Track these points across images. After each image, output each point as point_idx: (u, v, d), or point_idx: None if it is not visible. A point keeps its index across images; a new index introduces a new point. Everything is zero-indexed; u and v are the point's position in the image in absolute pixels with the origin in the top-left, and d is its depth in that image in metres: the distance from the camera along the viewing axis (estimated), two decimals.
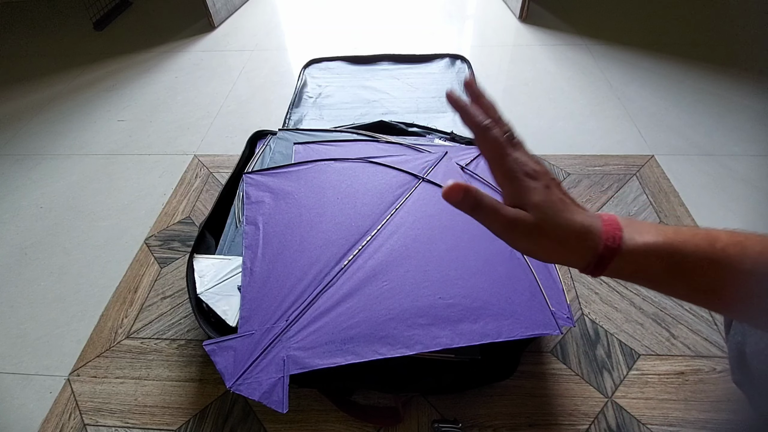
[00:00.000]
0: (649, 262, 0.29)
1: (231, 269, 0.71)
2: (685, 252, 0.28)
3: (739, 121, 1.10)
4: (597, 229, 0.29)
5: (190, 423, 0.64)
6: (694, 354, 0.68)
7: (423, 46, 1.47)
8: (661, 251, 0.29)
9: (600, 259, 0.29)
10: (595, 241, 0.29)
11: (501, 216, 0.30)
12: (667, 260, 0.29)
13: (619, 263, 0.29)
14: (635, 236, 0.29)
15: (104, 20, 1.71)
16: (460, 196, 0.30)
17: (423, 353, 0.58)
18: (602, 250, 0.29)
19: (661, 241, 0.29)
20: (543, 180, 0.30)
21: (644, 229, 0.30)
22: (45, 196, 1.02)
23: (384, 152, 0.87)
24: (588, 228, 0.29)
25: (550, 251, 0.30)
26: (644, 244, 0.29)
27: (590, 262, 0.29)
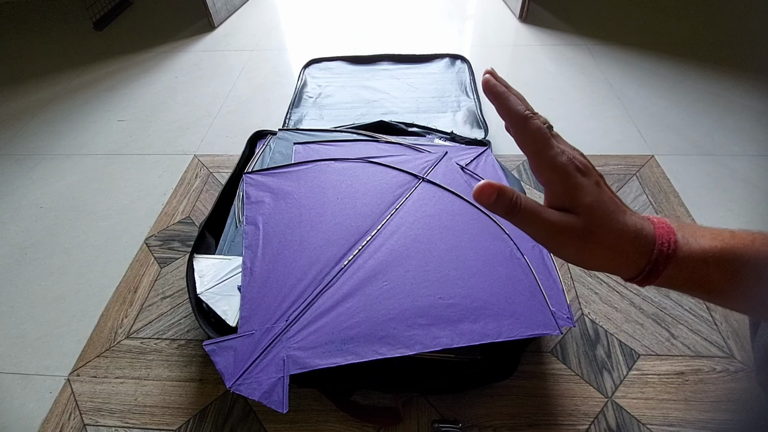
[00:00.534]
0: (707, 270, 0.26)
1: (231, 269, 0.71)
2: (746, 258, 0.26)
3: (739, 121, 1.10)
4: (650, 233, 0.27)
5: (190, 423, 0.64)
6: (694, 354, 0.68)
7: (423, 46, 1.47)
8: (720, 257, 0.26)
9: (654, 266, 0.26)
10: (648, 246, 0.26)
11: (545, 221, 0.26)
12: (727, 268, 0.26)
13: (673, 271, 0.26)
14: (690, 241, 0.26)
15: (104, 20, 1.71)
16: (492, 198, 0.25)
17: (423, 353, 0.58)
18: (656, 256, 0.26)
19: (719, 247, 0.26)
20: (593, 176, 0.27)
21: (699, 233, 0.27)
22: (45, 196, 1.02)
23: (384, 152, 0.87)
24: (640, 231, 0.26)
25: (601, 258, 0.27)
26: (701, 249, 0.26)
27: (642, 269, 0.26)
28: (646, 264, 0.26)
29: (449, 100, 1.20)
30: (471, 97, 1.20)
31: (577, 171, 0.26)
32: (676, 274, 0.26)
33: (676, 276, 0.26)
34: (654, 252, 0.26)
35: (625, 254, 0.26)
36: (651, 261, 0.26)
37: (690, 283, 0.27)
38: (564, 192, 0.27)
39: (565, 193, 0.26)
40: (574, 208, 0.26)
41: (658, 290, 0.76)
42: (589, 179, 0.27)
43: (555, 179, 0.27)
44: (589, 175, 0.27)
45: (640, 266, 0.26)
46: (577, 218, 0.26)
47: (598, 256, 0.27)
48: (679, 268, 0.26)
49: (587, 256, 0.27)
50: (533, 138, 0.27)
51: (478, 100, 1.17)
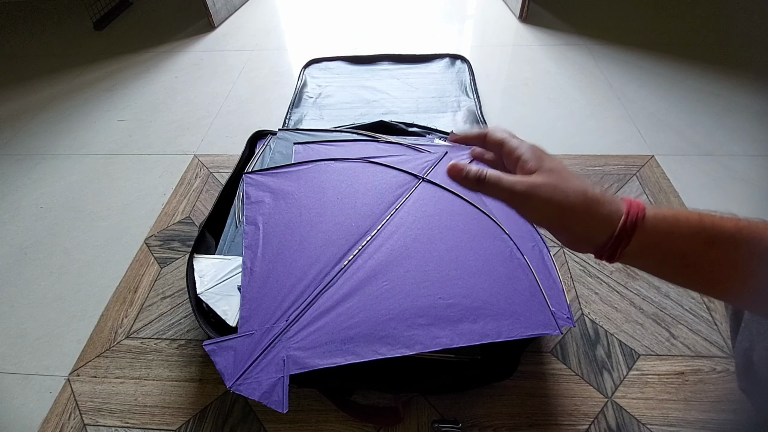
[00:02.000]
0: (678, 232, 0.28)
1: (231, 269, 0.71)
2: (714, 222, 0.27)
3: (739, 121, 1.10)
4: (617, 203, 0.28)
5: (190, 423, 0.64)
6: (694, 354, 0.68)
7: (423, 46, 1.47)
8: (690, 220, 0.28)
9: (621, 232, 0.27)
10: (615, 212, 0.28)
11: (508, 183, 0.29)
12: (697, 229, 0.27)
13: (643, 235, 0.27)
14: (662, 209, 0.28)
15: (104, 20, 1.71)
16: (462, 174, 0.30)
17: (423, 353, 0.58)
18: (624, 223, 0.27)
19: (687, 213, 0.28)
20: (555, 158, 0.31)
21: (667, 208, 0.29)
22: (45, 196, 1.02)
23: (384, 152, 0.87)
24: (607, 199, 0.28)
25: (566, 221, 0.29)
26: (673, 214, 0.28)
27: (610, 236, 0.28)
28: (612, 231, 0.28)
29: (449, 100, 1.20)
30: (471, 97, 1.20)
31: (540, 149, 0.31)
32: (647, 238, 0.28)
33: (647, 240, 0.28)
34: (621, 218, 0.27)
35: (590, 217, 0.28)
36: (619, 228, 0.27)
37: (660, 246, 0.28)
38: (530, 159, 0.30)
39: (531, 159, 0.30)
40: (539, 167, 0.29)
41: (658, 290, 0.76)
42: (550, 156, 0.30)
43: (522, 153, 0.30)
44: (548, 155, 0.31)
45: (606, 233, 0.28)
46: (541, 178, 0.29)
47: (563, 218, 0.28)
48: (649, 232, 0.27)
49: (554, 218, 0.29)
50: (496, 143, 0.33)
51: (477, 100, 1.17)
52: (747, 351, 0.46)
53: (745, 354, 0.46)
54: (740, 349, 0.47)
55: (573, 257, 0.82)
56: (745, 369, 0.47)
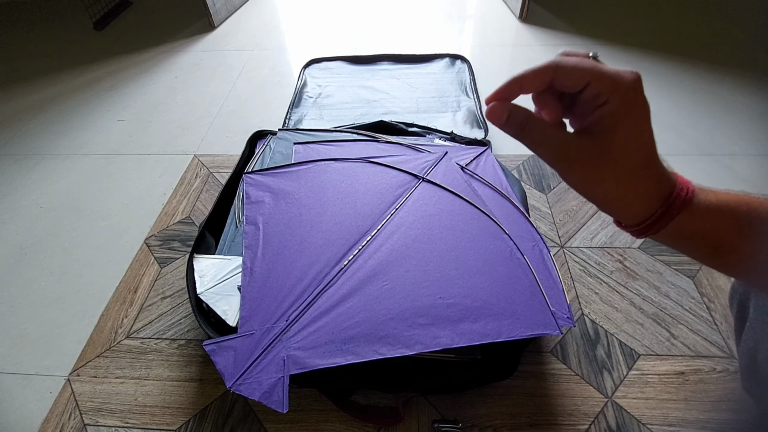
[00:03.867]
0: (721, 220, 0.26)
1: (231, 269, 0.71)
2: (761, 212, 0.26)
3: (739, 121, 1.10)
4: (672, 178, 0.26)
5: (190, 423, 0.64)
6: (694, 354, 0.68)
7: (423, 46, 1.47)
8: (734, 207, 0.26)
9: (668, 208, 0.25)
10: (668, 188, 0.25)
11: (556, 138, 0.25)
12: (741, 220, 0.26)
13: (685, 218, 0.26)
14: (708, 194, 0.26)
15: (104, 20, 1.71)
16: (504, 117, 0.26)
17: (423, 353, 0.58)
18: (674, 199, 0.25)
19: (735, 200, 0.26)
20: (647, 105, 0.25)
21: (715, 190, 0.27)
22: (45, 196, 1.02)
23: (384, 152, 0.87)
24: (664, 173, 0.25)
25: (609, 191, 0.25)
26: (717, 201, 0.26)
27: (654, 212, 0.25)
28: (660, 206, 0.25)
29: (449, 100, 1.20)
30: (471, 97, 1.20)
31: (638, 87, 0.24)
32: (688, 222, 0.26)
33: (687, 225, 0.26)
34: (672, 194, 0.25)
35: (639, 192, 0.25)
36: (667, 203, 0.25)
37: (700, 234, 0.26)
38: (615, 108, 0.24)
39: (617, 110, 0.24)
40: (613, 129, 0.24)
41: (658, 290, 0.76)
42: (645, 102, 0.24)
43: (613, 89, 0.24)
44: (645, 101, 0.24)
45: (653, 208, 0.25)
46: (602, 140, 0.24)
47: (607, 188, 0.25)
48: (692, 216, 0.25)
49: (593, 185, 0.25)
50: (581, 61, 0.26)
51: (478, 100, 1.17)
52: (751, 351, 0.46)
53: (749, 354, 0.46)
54: (744, 349, 0.47)
55: (573, 257, 0.82)
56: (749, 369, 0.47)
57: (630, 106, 0.24)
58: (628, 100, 0.24)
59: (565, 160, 0.25)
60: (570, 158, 0.25)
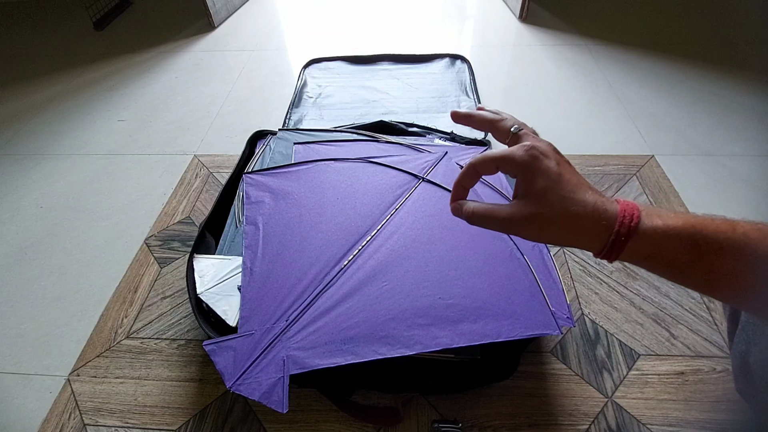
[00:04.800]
0: (669, 244, 0.28)
1: (231, 269, 0.71)
2: (706, 234, 0.28)
3: (739, 121, 1.10)
4: (612, 210, 0.29)
5: (190, 423, 0.64)
6: (694, 354, 0.68)
7: (423, 46, 1.47)
8: (681, 232, 0.28)
9: (616, 238, 0.28)
10: (610, 220, 0.29)
11: (495, 218, 0.31)
12: (688, 241, 0.28)
13: (637, 244, 0.28)
14: (654, 218, 0.29)
15: (104, 20, 1.71)
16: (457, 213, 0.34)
17: (423, 353, 0.58)
18: (618, 229, 0.28)
19: (681, 224, 0.28)
20: (552, 157, 0.30)
21: (663, 213, 0.30)
22: (45, 196, 1.02)
23: (384, 152, 0.87)
24: (601, 208, 0.29)
25: (558, 236, 0.30)
26: (664, 225, 0.28)
27: (605, 242, 0.29)
28: (608, 236, 0.29)
29: (449, 100, 1.20)
30: (471, 97, 1.20)
31: (534, 159, 0.30)
32: (641, 247, 0.29)
33: (641, 249, 0.29)
34: (616, 224, 0.28)
35: (585, 230, 0.29)
36: (613, 233, 0.28)
37: (654, 256, 0.29)
38: (522, 179, 0.30)
39: (524, 181, 0.30)
40: (529, 193, 0.30)
41: (658, 290, 0.76)
42: (548, 161, 0.30)
43: (516, 170, 0.31)
44: (546, 157, 0.30)
45: (603, 239, 0.29)
46: (527, 204, 0.30)
47: (555, 234, 0.30)
48: (641, 242, 0.28)
49: (544, 235, 0.30)
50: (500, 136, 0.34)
51: (478, 100, 1.17)
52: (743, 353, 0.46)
53: (741, 356, 0.46)
54: (737, 352, 0.47)
55: (573, 257, 0.82)
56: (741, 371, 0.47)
57: (530, 175, 0.30)
58: (527, 172, 0.30)
59: (510, 227, 0.31)
60: (514, 225, 0.31)
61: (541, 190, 0.29)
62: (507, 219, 0.31)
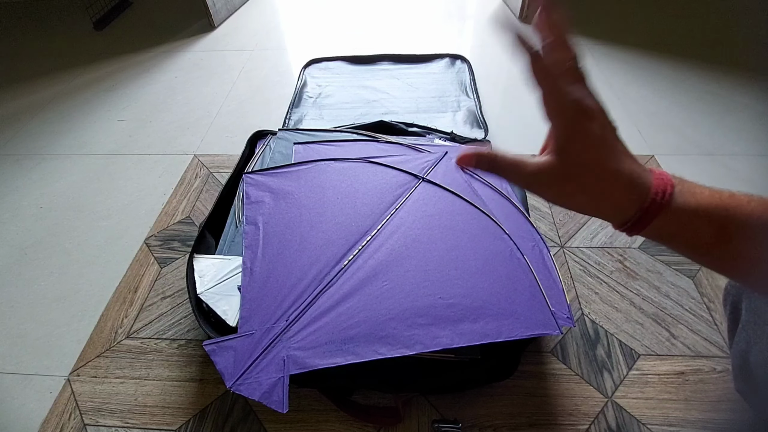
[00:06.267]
0: (696, 225, 0.27)
1: (231, 269, 0.71)
2: (739, 217, 0.26)
3: (739, 121, 1.10)
4: (646, 182, 0.27)
5: (190, 423, 0.64)
6: (694, 354, 0.68)
7: (423, 46, 1.47)
8: (712, 214, 0.26)
9: (644, 214, 0.26)
10: (642, 194, 0.26)
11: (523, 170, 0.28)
12: (716, 224, 0.26)
13: (662, 221, 0.26)
14: (687, 195, 0.27)
15: (104, 20, 1.71)
16: (473, 162, 0.29)
17: (423, 353, 0.58)
18: (648, 205, 0.26)
19: (714, 204, 0.26)
20: (597, 120, 0.27)
21: (698, 190, 0.27)
22: (45, 196, 1.02)
23: (384, 152, 0.87)
24: (636, 179, 0.27)
25: (582, 203, 0.28)
26: (696, 204, 0.27)
27: (632, 217, 0.27)
28: (636, 212, 0.27)
29: (449, 100, 1.20)
30: (471, 97, 1.20)
31: (580, 114, 0.27)
32: (666, 225, 0.27)
33: (665, 227, 0.27)
34: (647, 200, 0.26)
35: (613, 201, 0.27)
36: (642, 209, 0.26)
37: (678, 235, 0.27)
38: (561, 133, 0.27)
39: (563, 135, 0.27)
40: (564, 150, 0.27)
41: (658, 290, 0.76)
42: (592, 123, 0.27)
43: (556, 119, 0.27)
44: (592, 119, 0.27)
45: (628, 214, 0.27)
46: (558, 161, 0.27)
47: (580, 201, 0.28)
48: (669, 220, 0.26)
49: (569, 201, 0.28)
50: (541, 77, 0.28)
51: (478, 100, 1.17)
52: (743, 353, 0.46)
53: (741, 355, 0.46)
54: (737, 351, 0.47)
55: (573, 257, 0.82)
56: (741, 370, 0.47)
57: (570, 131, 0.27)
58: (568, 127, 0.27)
59: (534, 184, 0.28)
60: (538, 182, 0.28)
61: (578, 150, 0.27)
62: (534, 174, 0.28)
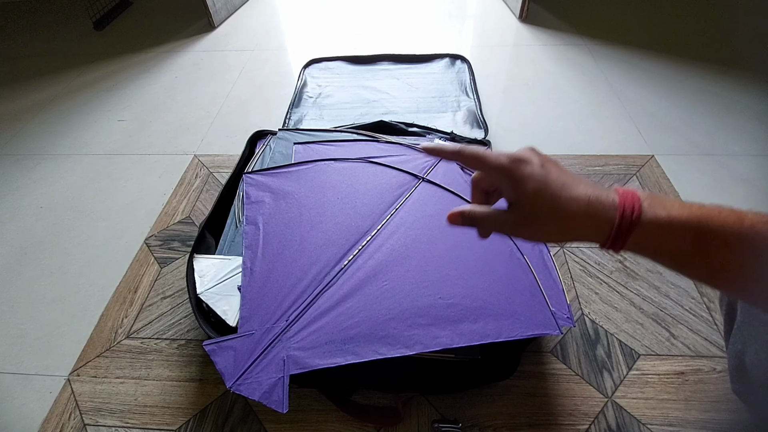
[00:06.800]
0: (673, 236, 0.28)
1: (231, 269, 0.71)
2: (712, 227, 0.27)
3: (739, 121, 1.10)
4: (610, 201, 0.28)
5: (190, 423, 0.64)
6: (694, 354, 0.68)
7: (423, 46, 1.47)
8: (687, 225, 0.28)
9: (618, 231, 0.28)
10: (609, 213, 0.28)
11: (495, 221, 0.31)
12: (692, 234, 0.27)
13: (640, 236, 0.28)
14: (657, 209, 0.28)
15: (104, 20, 1.71)
16: (459, 220, 0.32)
17: (423, 353, 0.58)
18: (619, 222, 0.28)
19: (686, 215, 0.28)
20: (534, 161, 0.30)
21: (668, 203, 0.29)
22: (45, 196, 1.02)
23: (384, 152, 0.87)
24: (597, 201, 0.28)
25: (558, 234, 0.30)
26: (668, 216, 0.28)
27: (608, 235, 0.28)
28: (610, 230, 0.28)
29: (449, 100, 1.20)
30: (471, 97, 1.20)
31: (516, 164, 0.30)
32: (644, 239, 0.28)
33: (645, 241, 0.28)
34: (616, 218, 0.28)
35: (584, 226, 0.29)
36: (615, 227, 0.28)
37: (660, 248, 0.29)
38: (510, 188, 0.30)
39: (512, 189, 0.30)
40: (519, 199, 0.30)
41: (658, 290, 0.76)
42: (531, 166, 0.29)
43: (500, 180, 0.31)
44: (529, 162, 0.30)
45: (605, 232, 0.28)
46: (517, 211, 0.30)
47: (554, 234, 0.30)
48: (645, 234, 0.28)
49: (544, 236, 0.30)
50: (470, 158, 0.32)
51: (477, 100, 1.17)
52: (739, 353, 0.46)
53: (737, 356, 0.46)
54: (733, 351, 0.47)
55: (573, 257, 0.82)
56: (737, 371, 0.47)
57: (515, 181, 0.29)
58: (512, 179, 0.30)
59: (510, 230, 0.31)
60: (513, 228, 0.31)
61: (530, 194, 0.29)
62: (506, 224, 0.31)
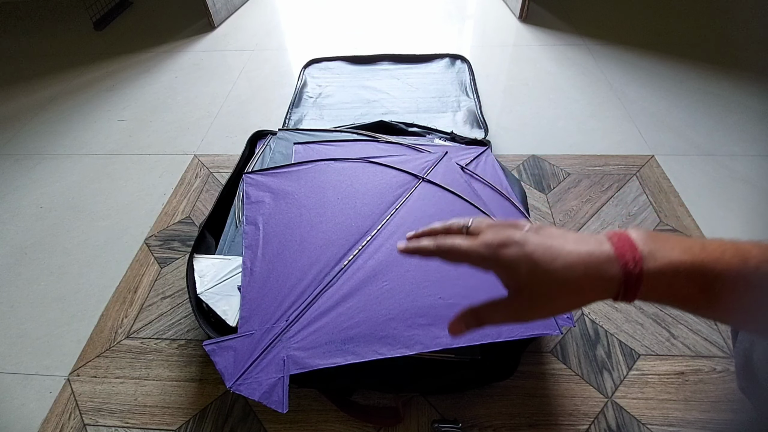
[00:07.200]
0: (680, 284, 0.26)
1: (231, 269, 0.71)
2: (717, 273, 0.25)
3: (739, 121, 1.10)
4: (605, 256, 0.27)
5: (190, 423, 0.64)
6: (694, 354, 0.68)
7: (423, 46, 1.47)
8: (691, 271, 0.26)
9: (626, 287, 0.26)
10: (609, 270, 0.26)
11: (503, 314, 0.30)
12: (699, 281, 0.26)
13: (648, 287, 0.26)
14: (658, 255, 0.26)
15: (104, 20, 1.71)
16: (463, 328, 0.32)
17: (423, 353, 0.58)
18: (625, 277, 0.26)
19: (689, 261, 0.26)
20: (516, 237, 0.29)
21: (668, 245, 0.27)
22: (45, 196, 1.02)
23: (384, 152, 0.87)
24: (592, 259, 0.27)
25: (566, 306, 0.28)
26: (671, 263, 0.26)
27: (617, 291, 0.27)
28: (618, 286, 0.26)
29: (449, 100, 1.20)
30: (471, 97, 1.20)
31: (498, 251, 0.29)
32: (653, 289, 0.26)
33: (655, 291, 0.26)
34: (621, 274, 0.26)
35: (589, 289, 0.27)
36: (622, 283, 0.26)
37: (670, 297, 0.27)
38: (502, 277, 0.29)
39: (504, 277, 0.29)
40: (517, 285, 0.28)
41: None
42: (513, 248, 0.28)
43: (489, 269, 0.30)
44: (509, 244, 0.28)
45: (612, 290, 0.27)
46: (517, 296, 0.29)
47: (561, 306, 0.28)
48: (653, 284, 0.26)
49: (557, 310, 0.28)
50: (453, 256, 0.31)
51: (478, 100, 1.17)
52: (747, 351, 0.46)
53: (744, 354, 0.46)
54: (740, 349, 0.47)
55: None
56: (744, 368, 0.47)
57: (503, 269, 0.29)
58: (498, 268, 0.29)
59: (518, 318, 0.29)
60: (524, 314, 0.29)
61: (523, 279, 0.28)
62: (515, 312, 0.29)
